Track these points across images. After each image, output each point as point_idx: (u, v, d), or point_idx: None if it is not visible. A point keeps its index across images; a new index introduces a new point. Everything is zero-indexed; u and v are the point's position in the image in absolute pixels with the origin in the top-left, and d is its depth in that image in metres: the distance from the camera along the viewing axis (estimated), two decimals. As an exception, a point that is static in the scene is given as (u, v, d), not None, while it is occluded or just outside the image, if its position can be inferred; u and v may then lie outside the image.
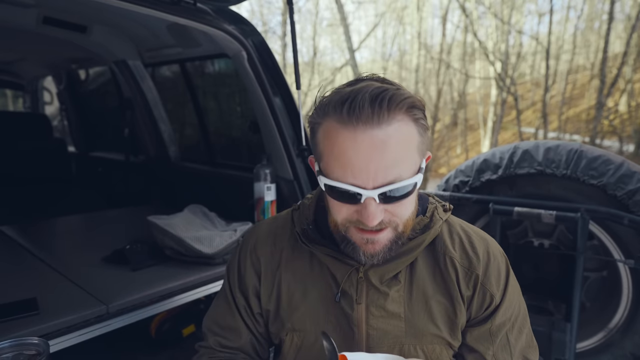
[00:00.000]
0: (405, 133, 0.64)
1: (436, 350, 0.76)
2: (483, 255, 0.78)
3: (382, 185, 0.63)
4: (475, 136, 14.21)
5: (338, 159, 0.64)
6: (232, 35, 1.73)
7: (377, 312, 0.76)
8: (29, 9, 1.88)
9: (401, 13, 14.74)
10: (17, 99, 4.26)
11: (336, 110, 0.64)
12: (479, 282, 0.76)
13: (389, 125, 0.62)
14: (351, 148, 0.62)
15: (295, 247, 0.83)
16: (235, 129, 2.47)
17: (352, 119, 0.61)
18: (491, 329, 0.76)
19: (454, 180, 1.91)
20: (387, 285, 0.76)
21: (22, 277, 1.45)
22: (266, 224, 0.90)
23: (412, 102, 0.64)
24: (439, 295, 0.77)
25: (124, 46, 2.37)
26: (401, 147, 0.63)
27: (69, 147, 3.49)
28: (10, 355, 0.73)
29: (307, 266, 0.81)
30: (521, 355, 0.79)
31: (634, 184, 1.51)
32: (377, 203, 0.64)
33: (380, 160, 0.62)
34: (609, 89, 10.68)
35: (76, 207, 2.57)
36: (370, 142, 0.61)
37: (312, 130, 0.70)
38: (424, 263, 0.78)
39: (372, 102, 0.61)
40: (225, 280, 0.91)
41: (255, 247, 0.86)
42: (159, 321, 1.80)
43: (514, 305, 0.79)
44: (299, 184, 1.86)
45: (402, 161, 0.64)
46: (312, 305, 0.79)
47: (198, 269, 1.54)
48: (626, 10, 11.06)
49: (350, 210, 0.67)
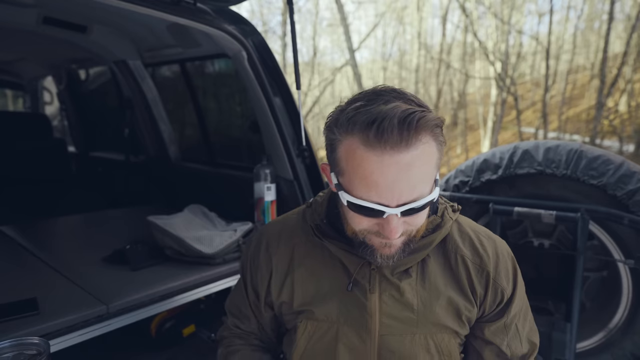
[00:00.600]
0: (429, 154, 0.66)
1: (445, 339, 0.81)
2: (492, 253, 0.83)
3: (405, 204, 0.66)
4: (475, 136, 14.21)
5: (363, 180, 0.65)
6: (232, 35, 1.73)
7: (390, 302, 0.80)
8: (29, 9, 1.88)
9: (401, 13, 14.74)
10: (17, 99, 4.26)
11: (362, 132, 0.63)
12: (491, 278, 0.81)
13: (416, 149, 0.63)
14: (377, 171, 0.63)
15: (308, 243, 0.87)
16: (235, 129, 2.47)
17: (381, 143, 0.62)
18: (506, 322, 0.82)
19: (454, 180, 1.91)
20: (398, 277, 0.80)
21: (22, 277, 1.45)
22: (278, 223, 0.94)
23: (436, 123, 0.65)
24: (450, 290, 0.81)
25: (124, 46, 2.37)
26: (424, 169, 0.66)
27: (69, 147, 3.49)
28: (11, 355, 0.73)
29: (320, 260, 0.85)
30: (527, 339, 0.86)
31: (634, 184, 1.51)
32: (399, 217, 0.67)
33: (405, 182, 0.64)
34: (609, 89, 10.68)
35: (76, 207, 2.57)
36: (396, 166, 0.63)
37: (332, 146, 0.70)
38: (435, 260, 0.83)
39: (400, 127, 0.61)
40: (241, 273, 0.99)
41: (268, 245, 0.90)
42: (159, 321, 1.80)
43: (523, 297, 0.85)
44: (299, 184, 1.86)
45: (424, 181, 0.67)
46: (326, 296, 0.83)
47: (198, 269, 1.54)
48: (626, 10, 11.06)
49: (371, 222, 0.70)
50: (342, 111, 0.68)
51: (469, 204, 1.82)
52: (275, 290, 0.88)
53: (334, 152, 0.70)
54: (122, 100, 2.70)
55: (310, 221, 0.85)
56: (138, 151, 2.84)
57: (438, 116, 0.66)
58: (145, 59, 2.45)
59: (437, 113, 0.67)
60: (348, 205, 0.70)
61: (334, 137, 0.69)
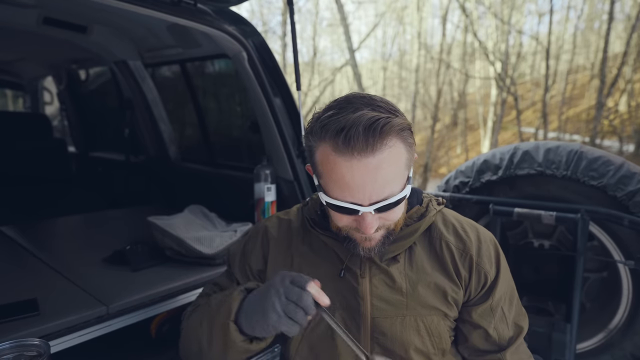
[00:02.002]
0: (396, 155, 0.71)
1: (434, 321, 0.85)
2: (475, 239, 0.88)
3: (377, 202, 0.72)
4: (475, 136, 14.22)
5: (336, 183, 0.73)
6: (232, 35, 1.73)
7: (380, 285, 0.85)
8: (29, 9, 1.88)
9: (401, 13, 14.75)
10: (17, 99, 4.26)
11: (332, 139, 0.70)
12: (474, 262, 0.86)
13: (382, 153, 0.69)
14: (348, 174, 0.70)
15: (305, 235, 0.94)
16: (236, 129, 2.47)
17: (348, 149, 0.68)
18: (492, 304, 0.86)
19: (454, 181, 1.91)
20: (386, 263, 0.86)
21: (22, 277, 1.44)
22: (278, 216, 1.01)
23: (401, 126, 0.71)
24: (437, 273, 0.86)
25: (125, 46, 2.37)
26: (392, 169, 0.71)
27: (69, 147, 3.48)
28: (11, 357, 0.73)
29: (316, 250, 0.92)
30: (514, 323, 0.89)
31: (634, 185, 1.51)
32: (373, 214, 0.74)
33: (374, 183, 0.70)
34: (609, 89, 10.68)
35: (76, 207, 2.56)
36: (365, 169, 0.69)
37: (310, 151, 0.78)
38: (422, 247, 0.89)
39: (365, 134, 0.67)
40: (228, 259, 1.02)
41: (267, 232, 0.97)
42: (159, 322, 1.80)
43: (507, 281, 0.89)
44: (299, 184, 1.86)
45: (393, 180, 0.73)
46: (321, 282, 0.86)
47: (198, 270, 1.54)
48: (626, 10, 11.07)
49: (349, 219, 0.77)
50: (317, 119, 0.74)
51: (469, 205, 1.82)
52: (271, 274, 0.92)
53: (312, 157, 0.77)
54: (122, 100, 2.70)
55: (307, 215, 0.93)
56: (138, 151, 2.84)
57: (403, 120, 0.71)
58: (145, 59, 2.45)
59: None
60: (327, 205, 0.77)
61: (310, 144, 0.76)
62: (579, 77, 12.74)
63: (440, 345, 0.86)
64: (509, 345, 0.86)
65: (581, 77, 12.67)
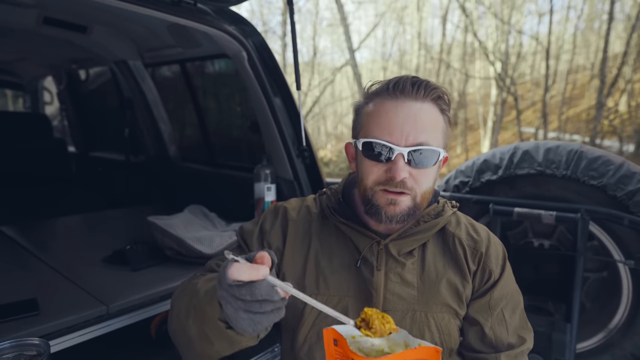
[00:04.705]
0: (435, 114, 0.81)
1: (445, 319, 0.86)
2: (485, 238, 0.91)
3: (412, 145, 0.78)
4: (475, 136, 14.21)
5: (378, 120, 0.80)
6: (232, 35, 1.73)
7: (394, 279, 0.86)
8: (29, 9, 1.88)
9: (401, 13, 14.74)
10: (17, 99, 4.26)
11: (383, 89, 0.82)
12: (482, 258, 0.88)
13: (423, 103, 0.80)
14: (392, 111, 0.79)
15: (323, 223, 0.94)
16: (236, 129, 2.47)
17: (397, 92, 0.80)
18: (490, 302, 0.87)
19: (454, 181, 1.91)
20: (403, 257, 0.87)
21: (23, 277, 1.45)
22: (298, 200, 1.01)
23: (440, 93, 0.81)
24: (449, 270, 0.88)
25: (125, 46, 2.37)
26: (430, 122, 0.80)
27: (69, 147, 3.48)
28: (11, 356, 0.73)
29: (334, 239, 0.92)
30: (516, 333, 0.88)
31: (634, 184, 1.51)
32: (405, 162, 0.78)
33: (413, 124, 0.78)
34: (609, 89, 10.68)
35: (76, 207, 2.56)
36: (407, 110, 0.79)
37: (357, 111, 0.88)
38: (435, 244, 0.91)
39: (412, 84, 0.80)
40: (241, 238, 0.96)
41: (287, 213, 0.95)
42: (159, 321, 1.80)
43: (510, 285, 0.90)
44: (299, 184, 1.86)
45: (430, 131, 0.79)
46: (336, 271, 0.89)
47: (198, 270, 1.54)
48: (626, 10, 11.06)
49: (380, 170, 0.81)
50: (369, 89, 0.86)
51: (469, 205, 1.82)
52: (288, 257, 0.91)
53: (359, 115, 0.86)
54: (122, 100, 2.70)
55: (326, 203, 0.94)
56: (138, 151, 2.84)
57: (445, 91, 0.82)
58: (145, 59, 2.45)
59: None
60: (362, 148, 0.81)
61: (360, 105, 0.87)
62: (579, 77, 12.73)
63: (450, 344, 0.86)
64: (507, 350, 0.86)
65: (581, 77, 12.67)
